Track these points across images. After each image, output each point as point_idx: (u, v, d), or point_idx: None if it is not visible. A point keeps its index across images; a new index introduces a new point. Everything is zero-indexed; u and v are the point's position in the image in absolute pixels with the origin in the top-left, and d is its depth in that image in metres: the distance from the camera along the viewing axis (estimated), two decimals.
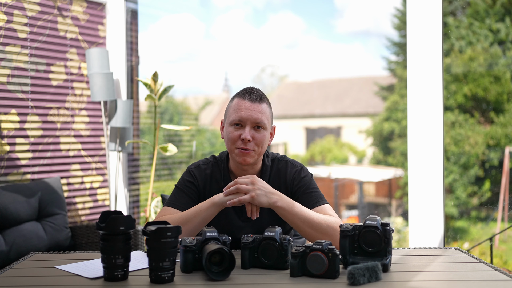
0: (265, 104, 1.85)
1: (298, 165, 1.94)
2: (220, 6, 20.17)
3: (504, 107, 8.73)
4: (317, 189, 1.90)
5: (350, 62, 21.25)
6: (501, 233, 7.32)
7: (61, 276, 1.54)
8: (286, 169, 1.91)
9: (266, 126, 1.83)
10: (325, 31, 22.40)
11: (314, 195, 1.87)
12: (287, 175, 1.91)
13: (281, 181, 1.91)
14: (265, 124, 1.82)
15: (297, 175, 1.90)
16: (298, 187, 1.89)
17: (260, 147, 1.82)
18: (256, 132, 1.81)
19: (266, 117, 1.83)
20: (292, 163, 1.94)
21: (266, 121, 1.82)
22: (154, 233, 1.42)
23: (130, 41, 3.67)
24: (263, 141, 1.82)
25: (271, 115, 1.88)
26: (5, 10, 2.92)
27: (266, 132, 1.84)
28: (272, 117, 1.89)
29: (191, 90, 21.12)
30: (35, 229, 2.77)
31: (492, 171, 8.65)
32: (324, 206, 1.85)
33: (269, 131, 1.87)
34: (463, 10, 9.57)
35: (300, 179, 1.89)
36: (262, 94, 1.86)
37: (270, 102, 1.90)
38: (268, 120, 1.84)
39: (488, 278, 1.47)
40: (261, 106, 1.82)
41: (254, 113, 1.81)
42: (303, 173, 1.91)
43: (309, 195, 1.87)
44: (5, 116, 2.93)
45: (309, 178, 1.91)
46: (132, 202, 3.68)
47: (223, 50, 19.29)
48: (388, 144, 12.13)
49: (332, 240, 1.70)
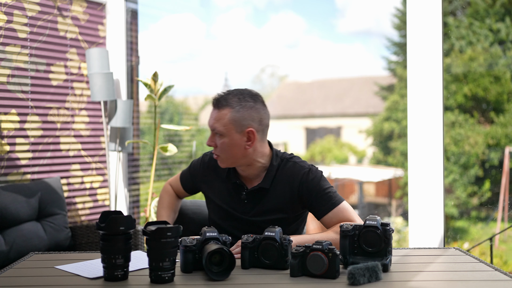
0: (225, 110, 1.78)
1: (307, 167, 1.87)
2: (221, 5, 20.15)
3: (504, 107, 8.72)
4: (329, 190, 1.83)
5: (351, 62, 21.23)
6: (501, 233, 7.32)
7: (61, 276, 1.54)
8: (294, 171, 1.86)
9: (222, 132, 1.79)
10: (326, 31, 22.38)
11: (326, 198, 1.81)
12: (295, 178, 1.85)
13: (288, 182, 1.86)
14: (220, 131, 1.79)
15: (305, 179, 1.84)
16: (309, 191, 1.83)
17: (223, 153, 1.81)
18: (216, 138, 1.81)
19: (223, 123, 1.78)
20: (300, 164, 1.88)
21: (221, 128, 1.78)
22: (154, 233, 1.42)
23: (130, 41, 3.67)
24: (223, 148, 1.80)
25: (235, 119, 1.78)
26: (5, 10, 2.92)
27: (227, 138, 1.79)
28: (241, 120, 1.79)
29: (191, 90, 21.09)
30: (35, 229, 2.77)
31: (492, 171, 8.65)
32: (340, 207, 1.80)
33: (235, 136, 1.79)
34: (463, 10, 9.57)
35: (309, 183, 1.83)
36: (225, 98, 1.80)
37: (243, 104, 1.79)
38: (225, 126, 1.78)
39: (488, 278, 1.47)
40: (219, 112, 1.79)
41: (210, 120, 1.83)
42: (311, 175, 1.85)
43: (322, 199, 1.82)
44: (5, 116, 2.93)
45: (318, 180, 1.84)
46: (132, 202, 3.68)
47: (224, 50, 19.26)
48: (388, 144, 12.13)
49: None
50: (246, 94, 1.82)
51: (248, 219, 1.89)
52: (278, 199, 1.87)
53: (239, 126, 1.79)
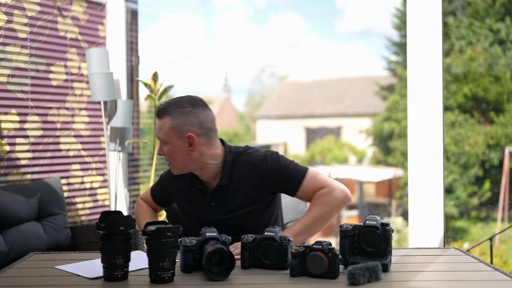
0: (165, 118, 1.85)
1: (262, 154, 1.90)
2: (221, 5, 20.15)
3: (504, 107, 8.73)
4: (291, 166, 1.87)
5: (351, 62, 21.24)
6: (501, 233, 7.32)
7: (61, 276, 1.55)
8: (250, 162, 1.88)
9: (165, 140, 1.85)
10: (326, 31, 22.38)
11: (292, 174, 1.85)
12: (253, 169, 1.87)
13: (248, 174, 1.88)
14: (163, 139, 1.85)
15: (264, 166, 1.86)
16: (272, 176, 1.86)
17: (171, 160, 1.87)
18: (163, 147, 1.87)
19: (164, 132, 1.84)
20: (254, 154, 1.90)
21: (163, 136, 1.85)
22: (154, 233, 1.42)
23: (130, 41, 3.67)
24: (169, 155, 1.86)
25: (174, 126, 1.83)
26: (5, 10, 2.92)
27: (170, 145, 1.84)
28: (179, 126, 1.83)
29: (191, 90, 21.10)
30: (35, 229, 2.77)
31: (492, 171, 8.65)
32: (307, 177, 1.85)
33: (177, 142, 1.83)
34: (463, 10, 9.57)
35: (269, 168, 1.86)
36: (165, 107, 1.85)
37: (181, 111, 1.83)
38: (166, 134, 1.84)
39: (488, 278, 1.48)
40: (160, 122, 1.86)
41: (156, 130, 1.91)
42: (269, 160, 1.87)
43: (288, 177, 1.85)
44: (5, 116, 2.93)
45: (277, 161, 1.87)
46: (132, 202, 3.68)
47: (224, 50, 19.28)
48: (388, 144, 12.13)
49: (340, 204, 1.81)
50: (185, 101, 1.87)
51: (219, 219, 1.90)
52: (242, 193, 1.88)
53: (178, 132, 1.83)
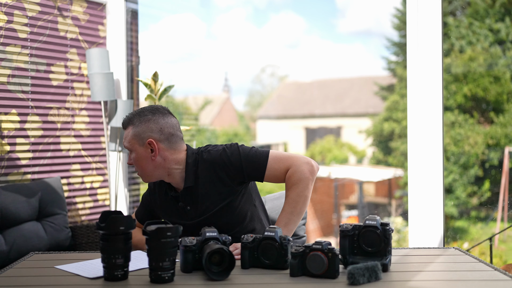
0: (129, 128, 1.91)
1: (220, 148, 1.93)
2: (221, 5, 20.16)
3: (504, 107, 8.73)
4: (251, 153, 1.89)
5: (351, 62, 21.25)
6: (501, 233, 7.33)
7: (61, 276, 1.55)
8: (211, 158, 1.90)
9: (130, 149, 1.91)
10: (327, 31, 22.40)
11: (255, 160, 1.88)
12: (215, 164, 1.90)
13: (212, 171, 1.90)
14: (128, 147, 1.91)
15: (225, 159, 1.89)
16: (236, 167, 1.88)
17: (138, 168, 1.92)
18: (131, 156, 1.93)
19: (128, 140, 1.90)
20: (214, 150, 1.93)
21: (128, 144, 1.91)
22: (154, 233, 1.42)
23: (130, 41, 3.67)
24: (135, 163, 1.91)
25: (135, 133, 1.88)
26: (5, 10, 2.92)
27: (134, 153, 1.90)
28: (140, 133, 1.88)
29: (191, 90, 21.10)
30: (35, 229, 2.77)
31: (492, 171, 8.65)
32: (270, 159, 1.88)
33: (140, 149, 1.88)
34: (463, 10, 9.58)
35: (231, 160, 1.88)
36: (129, 118, 1.91)
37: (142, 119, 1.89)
38: (130, 142, 1.90)
39: (487, 278, 1.48)
40: (125, 131, 1.92)
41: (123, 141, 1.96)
42: (228, 152, 1.90)
43: (252, 163, 1.88)
44: (6, 116, 2.93)
45: (237, 151, 1.90)
46: (132, 202, 3.68)
47: (224, 50, 19.29)
48: (388, 144, 12.13)
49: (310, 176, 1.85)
50: (146, 110, 1.92)
51: (197, 222, 1.91)
52: (211, 190, 1.90)
53: (140, 140, 1.88)
